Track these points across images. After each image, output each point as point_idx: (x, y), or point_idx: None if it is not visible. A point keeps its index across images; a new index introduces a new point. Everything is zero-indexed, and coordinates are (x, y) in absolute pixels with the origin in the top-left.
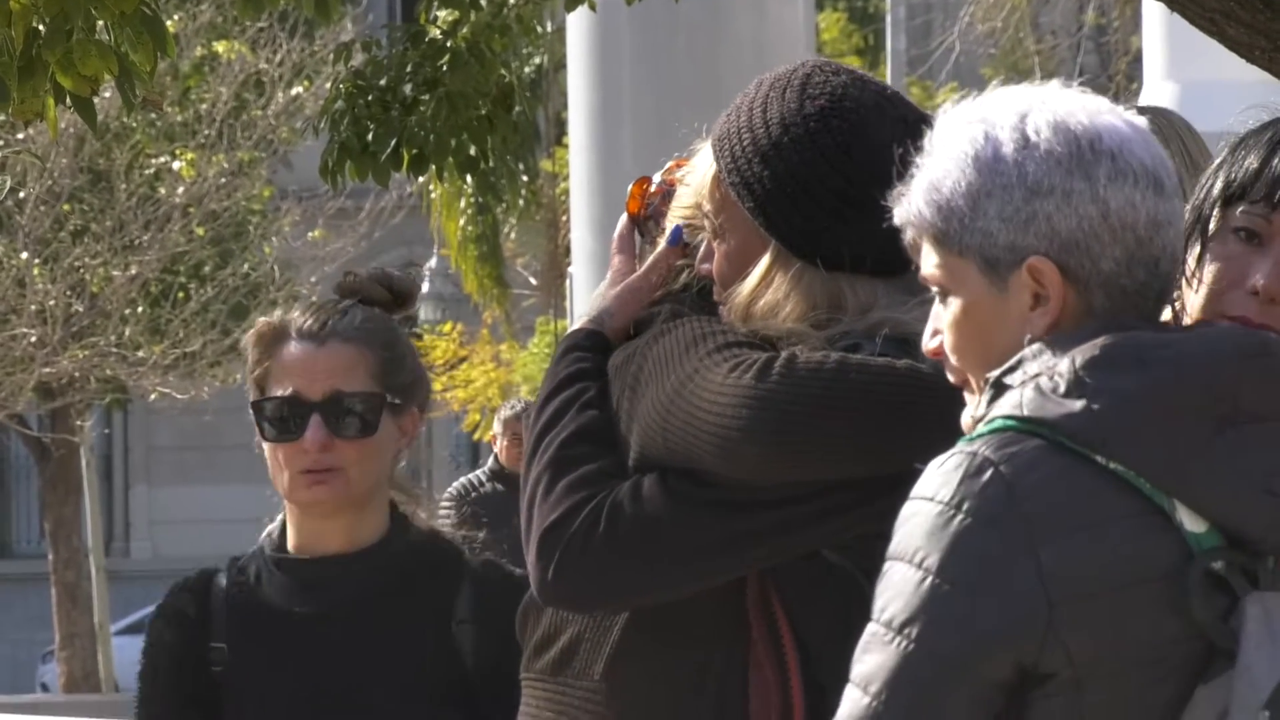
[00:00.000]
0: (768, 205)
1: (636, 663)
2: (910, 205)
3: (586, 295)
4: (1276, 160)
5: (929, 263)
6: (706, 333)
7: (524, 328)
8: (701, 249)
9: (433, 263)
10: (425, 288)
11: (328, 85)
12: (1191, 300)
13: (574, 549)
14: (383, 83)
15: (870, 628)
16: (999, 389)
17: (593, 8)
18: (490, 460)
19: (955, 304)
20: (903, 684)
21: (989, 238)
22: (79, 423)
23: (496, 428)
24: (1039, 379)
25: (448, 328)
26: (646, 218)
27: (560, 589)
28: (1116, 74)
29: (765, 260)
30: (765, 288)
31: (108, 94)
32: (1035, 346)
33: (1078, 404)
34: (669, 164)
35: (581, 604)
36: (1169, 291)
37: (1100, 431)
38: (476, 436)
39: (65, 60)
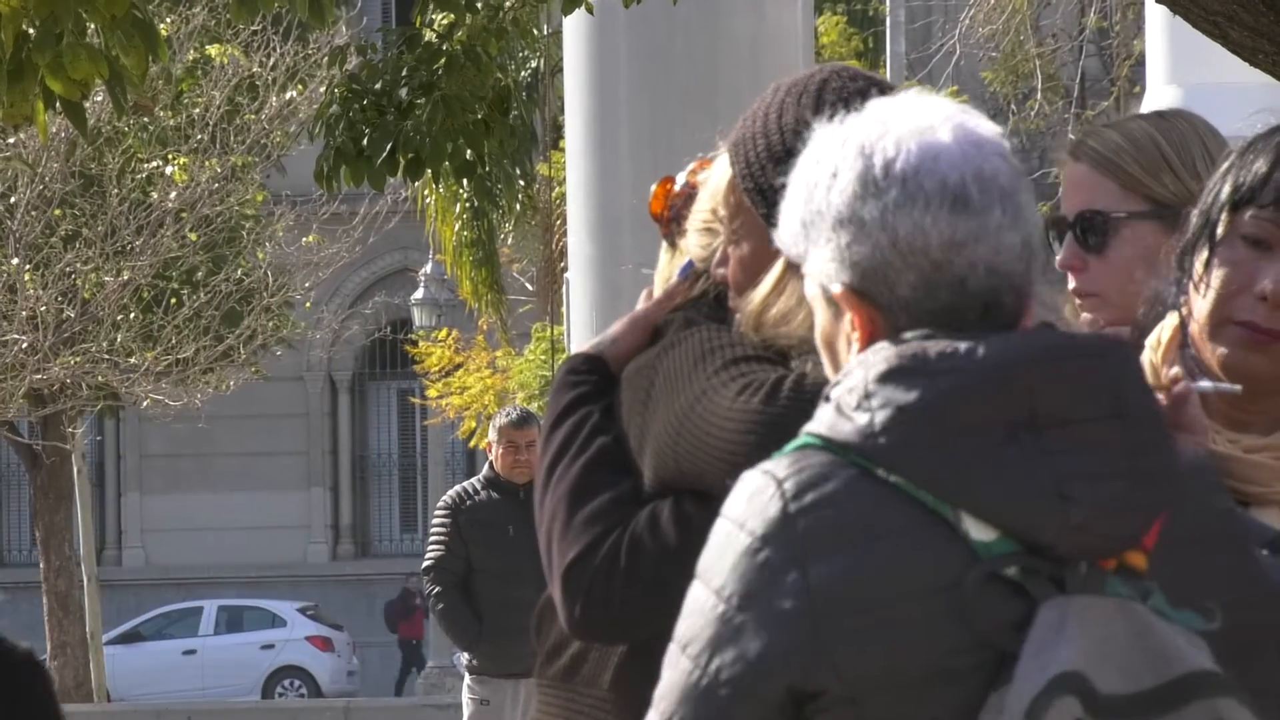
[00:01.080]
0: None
1: (643, 673)
2: (779, 229)
3: (582, 301)
4: None
5: None
6: (716, 346)
7: (520, 334)
8: (717, 254)
9: (428, 268)
10: (420, 293)
11: (322, 89)
12: (1198, 305)
13: (598, 587)
14: (378, 87)
15: (670, 645)
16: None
17: (590, 10)
18: (485, 468)
19: (817, 321)
20: (689, 708)
21: (816, 265)
22: (70, 430)
23: (492, 435)
24: (840, 395)
25: (443, 334)
26: (669, 219)
27: (588, 626)
28: (1119, 78)
29: (778, 267)
30: (777, 295)
31: (99, 98)
32: (850, 364)
33: (862, 419)
34: (693, 165)
35: (610, 638)
36: (997, 302)
37: (879, 445)
38: (472, 444)
39: (55, 64)
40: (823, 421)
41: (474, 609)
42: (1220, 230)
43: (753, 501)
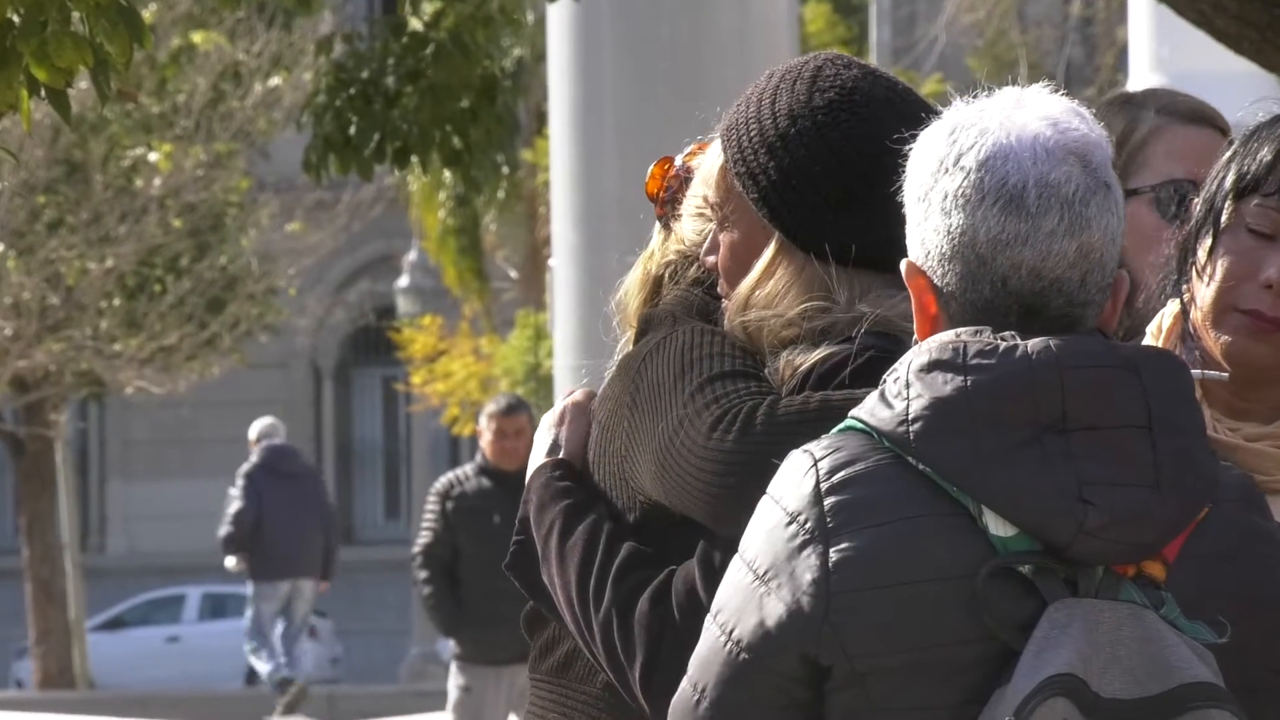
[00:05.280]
0: (772, 197)
1: None
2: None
3: (567, 288)
4: None
5: None
6: (696, 358)
7: (504, 321)
8: (708, 240)
9: (412, 255)
10: (404, 281)
11: (306, 76)
12: (1202, 293)
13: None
14: (365, 75)
15: (707, 616)
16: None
17: None
18: (477, 456)
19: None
20: (713, 673)
21: (903, 238)
22: (54, 417)
23: (481, 423)
24: (887, 383)
25: (427, 321)
26: (665, 200)
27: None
28: (1102, 66)
29: (769, 251)
30: (767, 278)
31: (83, 85)
32: (906, 354)
33: (899, 406)
34: (691, 147)
35: None
36: (1041, 305)
37: (910, 433)
38: (456, 430)
39: (40, 52)
40: (867, 406)
41: (458, 596)
42: (1225, 219)
43: (790, 478)
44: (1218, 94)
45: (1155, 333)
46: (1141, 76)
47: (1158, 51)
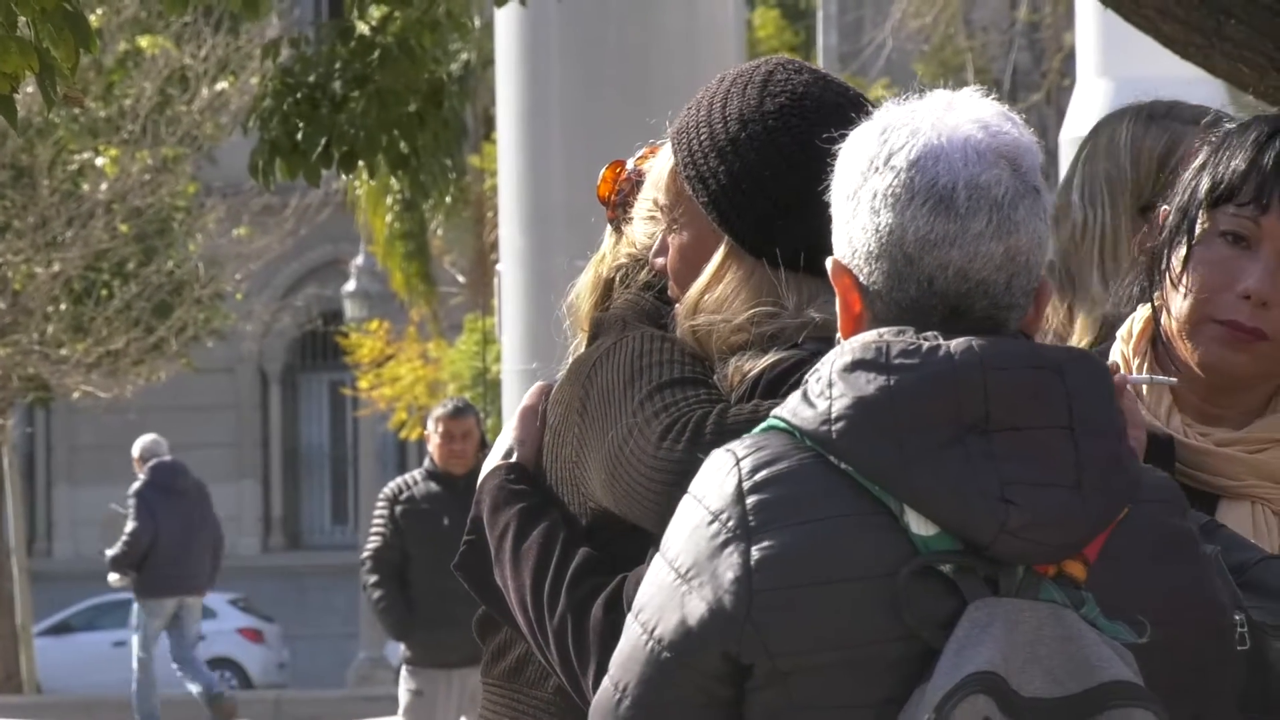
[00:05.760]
0: (722, 201)
1: None
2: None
3: (514, 292)
4: (1265, 161)
5: None
6: (646, 365)
7: (451, 325)
8: (657, 243)
9: (359, 260)
10: (351, 285)
11: (253, 81)
12: (1177, 303)
13: None
14: (311, 80)
15: (629, 615)
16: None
17: (522, 3)
18: (426, 460)
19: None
20: (635, 672)
21: (828, 234)
22: (1, 421)
23: (430, 427)
24: (809, 382)
25: (374, 325)
26: (616, 203)
27: None
28: (1049, 71)
29: (718, 256)
30: (716, 283)
31: (29, 89)
32: (829, 353)
33: (821, 406)
34: (643, 150)
35: None
36: (967, 307)
37: (832, 433)
38: (403, 435)
39: None
40: (790, 406)
41: (408, 599)
42: (1199, 228)
43: (712, 477)
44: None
45: (1126, 337)
46: (1088, 82)
47: (1105, 57)
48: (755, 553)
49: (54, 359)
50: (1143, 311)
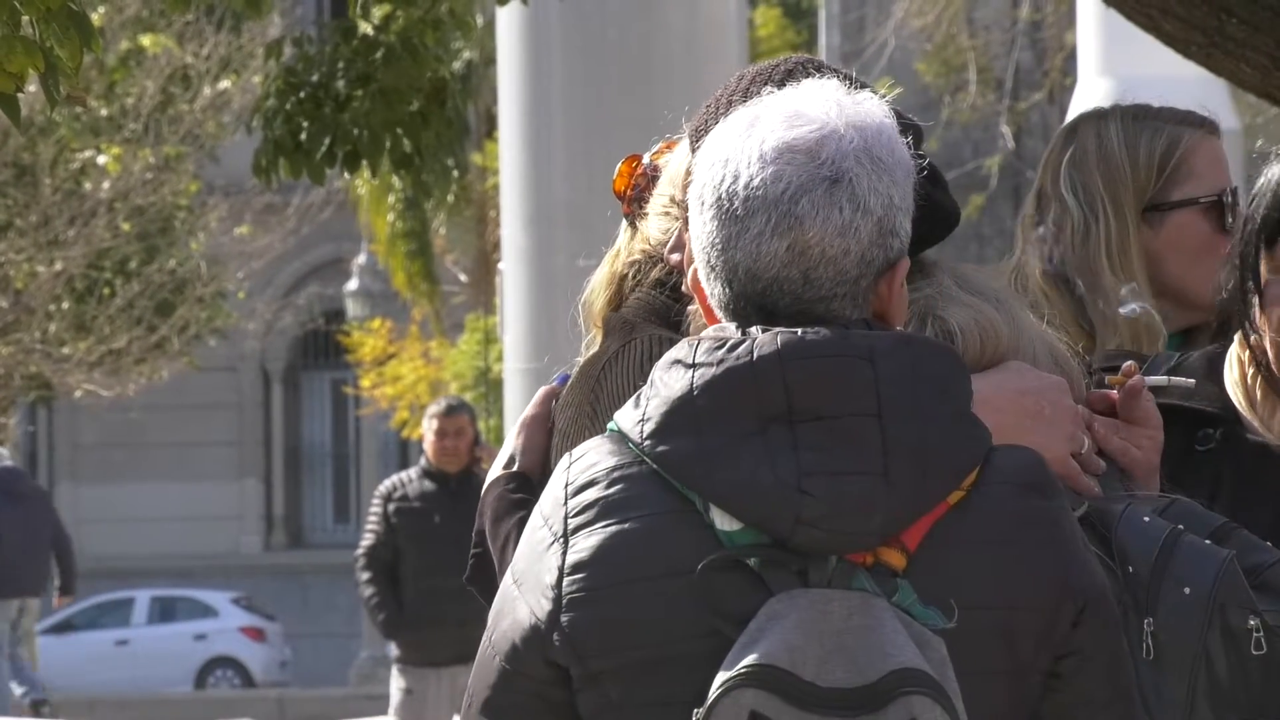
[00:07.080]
0: None
1: None
2: None
3: (516, 291)
4: None
5: None
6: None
7: (453, 324)
8: (672, 239)
9: (361, 259)
10: (353, 284)
11: (255, 79)
12: (1270, 340)
13: None
14: (315, 79)
15: None
16: None
17: (525, 1)
18: (421, 459)
19: None
20: (480, 679)
21: None
22: (2, 420)
23: (424, 424)
24: (644, 385)
25: (376, 324)
26: (632, 198)
27: None
28: (1051, 70)
29: None
30: None
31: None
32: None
33: (641, 406)
34: (658, 146)
35: None
36: (771, 304)
37: (643, 433)
38: (405, 434)
39: None
40: (624, 408)
41: (399, 597)
42: (1264, 272)
43: (550, 484)
44: (1166, 98)
45: (1236, 382)
46: (1090, 81)
47: (1106, 55)
48: (570, 555)
49: (56, 357)
50: (1235, 351)
